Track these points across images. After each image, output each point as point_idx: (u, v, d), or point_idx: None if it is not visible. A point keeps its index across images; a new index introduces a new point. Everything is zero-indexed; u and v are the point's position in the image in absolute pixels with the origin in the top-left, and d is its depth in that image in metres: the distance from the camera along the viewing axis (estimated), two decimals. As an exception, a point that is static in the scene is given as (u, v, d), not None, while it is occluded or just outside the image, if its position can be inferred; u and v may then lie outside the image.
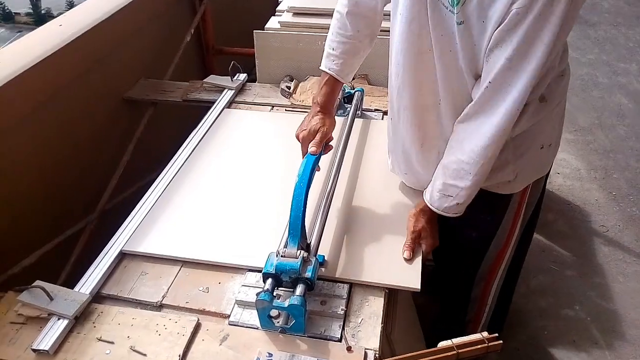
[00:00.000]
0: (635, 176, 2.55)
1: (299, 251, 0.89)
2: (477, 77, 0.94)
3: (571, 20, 0.82)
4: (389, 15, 1.04)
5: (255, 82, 1.76)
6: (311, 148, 1.07)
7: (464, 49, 0.90)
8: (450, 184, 1.01)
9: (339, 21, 1.14)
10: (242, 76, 1.73)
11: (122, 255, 1.05)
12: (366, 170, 1.30)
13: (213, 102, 1.61)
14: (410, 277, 1.00)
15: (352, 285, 0.98)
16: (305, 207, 0.92)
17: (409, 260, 1.03)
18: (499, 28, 0.84)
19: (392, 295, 1.03)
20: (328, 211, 1.06)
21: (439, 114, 1.03)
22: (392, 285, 0.99)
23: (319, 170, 1.11)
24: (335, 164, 1.19)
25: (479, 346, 0.87)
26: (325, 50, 1.17)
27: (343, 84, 1.20)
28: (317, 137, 1.09)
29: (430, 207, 1.06)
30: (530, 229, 1.38)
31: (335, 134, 1.36)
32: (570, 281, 2.04)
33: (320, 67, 1.17)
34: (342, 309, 0.92)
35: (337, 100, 1.26)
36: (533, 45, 0.82)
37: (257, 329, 0.91)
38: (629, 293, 1.99)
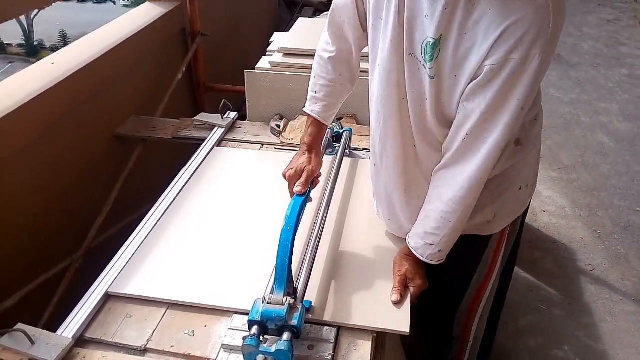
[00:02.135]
0: (618, 214, 2.60)
1: (285, 297, 0.89)
2: (447, 126, 0.96)
3: (542, 75, 0.85)
4: (367, 57, 1.07)
5: (245, 119, 1.79)
6: (296, 188, 1.08)
7: (433, 102, 0.93)
8: (431, 232, 1.03)
9: (321, 65, 1.18)
10: (233, 114, 1.75)
11: (107, 297, 1.04)
12: (354, 211, 1.31)
13: (203, 140, 1.63)
14: (398, 320, 1.00)
15: (339, 328, 0.98)
16: (292, 252, 0.92)
17: (397, 303, 1.03)
18: (472, 83, 0.87)
19: (380, 338, 1.02)
20: (315, 255, 1.06)
21: (418, 161, 1.06)
22: (380, 329, 0.98)
23: (311, 201, 1.12)
24: (323, 204, 1.20)
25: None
26: (309, 93, 1.20)
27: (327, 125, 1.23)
28: (303, 176, 1.11)
29: (415, 253, 1.07)
30: (511, 263, 1.40)
31: (323, 173, 1.38)
32: (559, 320, 2.04)
33: (303, 109, 1.20)
34: (329, 354, 0.91)
35: (324, 139, 1.28)
36: (507, 101, 0.85)
37: (243, 374, 0.89)
38: (617, 333, 1.99)
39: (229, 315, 1.00)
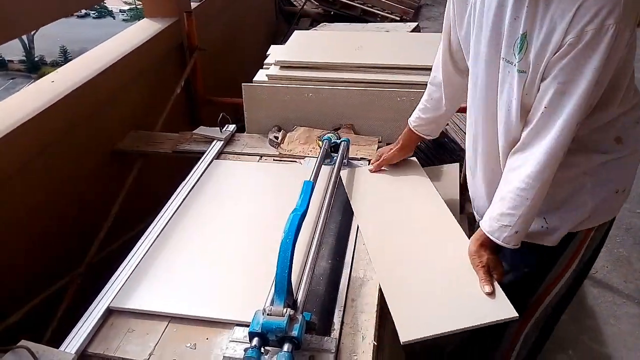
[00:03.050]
0: (620, 217, 2.57)
1: (285, 309, 0.89)
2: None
3: (619, 48, 0.91)
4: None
5: (244, 131, 1.81)
6: (369, 167, 1.48)
7: (520, 97, 1.00)
8: (507, 213, 1.05)
9: (434, 93, 1.38)
10: (231, 127, 1.77)
11: (109, 312, 1.05)
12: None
13: (203, 153, 1.64)
14: (501, 307, 1.02)
15: (340, 338, 0.98)
16: (292, 264, 0.93)
17: (492, 293, 1.05)
18: (552, 58, 0.93)
19: (380, 347, 1.03)
20: (315, 265, 1.07)
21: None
22: (491, 322, 1.00)
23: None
24: (322, 214, 1.21)
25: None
26: (417, 110, 1.44)
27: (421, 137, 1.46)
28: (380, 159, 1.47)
29: (490, 237, 1.08)
30: (583, 274, 1.37)
31: (321, 183, 1.40)
32: (562, 325, 2.03)
33: (409, 120, 1.46)
34: (330, 364, 0.92)
35: (416, 142, 1.52)
36: (582, 72, 0.91)
37: (245, 386, 0.90)
38: (621, 335, 1.99)
39: (230, 328, 1.01)
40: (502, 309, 1.02)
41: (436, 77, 1.36)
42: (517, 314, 1.01)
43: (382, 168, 1.52)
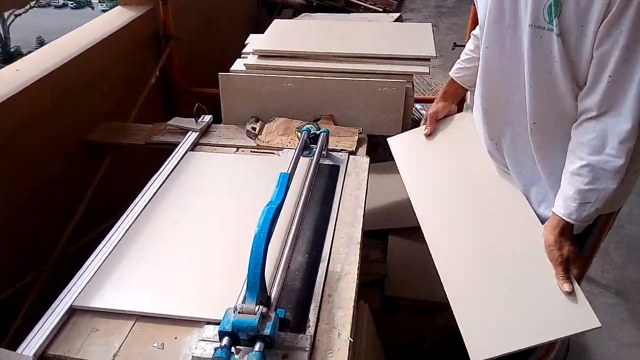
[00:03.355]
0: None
1: (257, 307, 0.85)
2: (578, 87, 0.97)
3: None
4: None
5: (220, 122, 1.75)
6: (424, 130, 1.41)
7: (565, 61, 0.94)
8: (587, 189, 0.98)
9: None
10: (207, 118, 1.71)
11: (72, 311, 0.99)
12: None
13: (177, 145, 1.58)
14: (583, 315, 0.90)
15: (315, 335, 0.94)
16: (265, 260, 0.89)
17: (571, 293, 0.95)
18: (603, 23, 0.86)
19: (357, 341, 1.00)
20: (291, 260, 1.03)
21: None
22: (569, 334, 0.90)
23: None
24: (299, 207, 1.17)
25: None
26: (459, 61, 1.45)
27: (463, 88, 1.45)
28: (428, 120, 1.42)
29: (568, 220, 1.01)
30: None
31: (299, 175, 1.35)
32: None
33: (450, 72, 1.46)
34: (304, 363, 0.88)
35: (458, 95, 1.49)
36: None
37: (215, 388, 0.85)
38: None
39: (200, 326, 0.96)
40: (583, 316, 0.89)
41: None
42: (600, 324, 0.90)
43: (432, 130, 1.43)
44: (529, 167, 1.18)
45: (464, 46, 2.12)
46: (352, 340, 0.95)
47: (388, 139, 1.38)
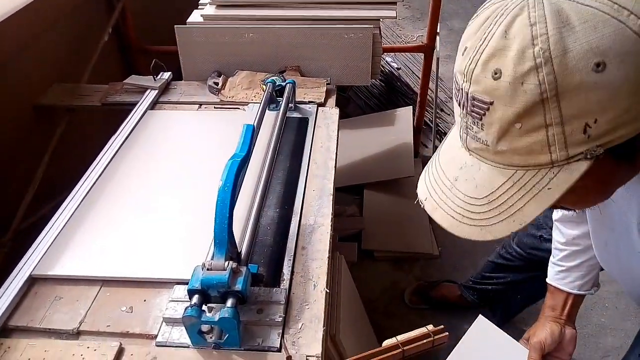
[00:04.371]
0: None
1: (227, 262, 0.82)
2: None
3: None
4: None
5: (181, 79, 1.66)
6: None
7: None
8: None
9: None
10: (167, 74, 1.62)
11: (32, 281, 0.94)
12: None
13: (135, 104, 1.50)
14: None
15: (290, 288, 0.92)
16: (232, 214, 0.85)
17: None
18: None
19: (335, 292, 0.98)
20: (260, 215, 1.00)
21: None
22: None
23: None
24: (267, 162, 1.13)
25: (424, 341, 0.84)
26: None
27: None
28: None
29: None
30: None
31: (265, 129, 1.30)
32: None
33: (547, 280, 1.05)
34: (280, 316, 0.86)
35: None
36: None
37: (188, 347, 0.83)
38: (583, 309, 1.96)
39: (170, 287, 0.92)
40: None
41: None
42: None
43: None
44: None
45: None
46: (328, 291, 0.93)
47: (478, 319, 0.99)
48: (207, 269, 0.82)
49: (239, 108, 1.51)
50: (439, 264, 1.99)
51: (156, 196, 1.14)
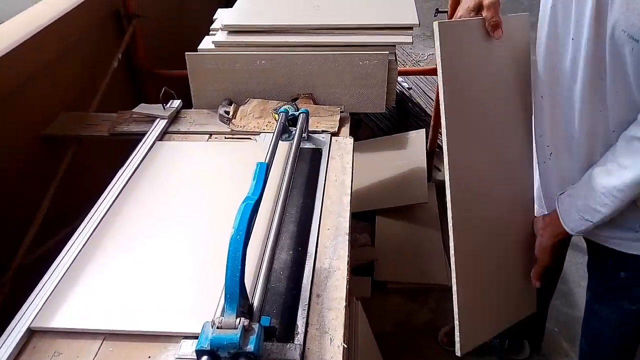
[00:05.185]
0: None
1: (238, 319, 0.75)
2: None
3: None
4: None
5: (191, 107, 1.62)
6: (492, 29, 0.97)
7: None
8: (593, 207, 0.94)
9: None
10: (176, 103, 1.58)
11: (31, 333, 0.88)
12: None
13: (144, 134, 1.46)
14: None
15: (304, 343, 0.86)
16: (244, 265, 0.79)
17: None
18: None
19: (351, 344, 0.91)
20: (273, 259, 0.93)
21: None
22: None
23: None
24: (281, 200, 1.07)
25: None
26: None
27: None
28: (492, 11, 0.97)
29: (566, 227, 1.00)
30: None
31: (279, 161, 1.25)
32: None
33: None
34: (295, 377, 0.79)
35: None
36: None
37: (195, 411, 0.76)
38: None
39: (176, 341, 0.86)
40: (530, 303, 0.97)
41: None
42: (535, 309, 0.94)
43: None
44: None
45: (446, 12, 2.01)
46: (345, 346, 0.86)
47: (435, 24, 0.92)
48: (218, 327, 0.76)
49: (250, 138, 1.46)
50: (455, 295, 1.91)
51: (164, 237, 1.08)
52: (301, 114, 1.39)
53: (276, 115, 1.42)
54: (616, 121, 0.94)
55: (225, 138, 1.47)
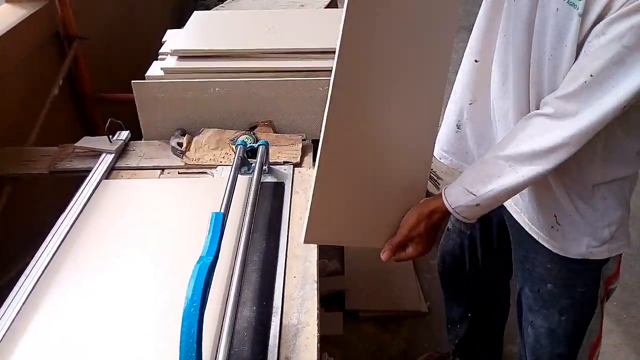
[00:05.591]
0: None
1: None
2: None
3: None
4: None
5: (141, 138, 1.50)
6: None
7: (576, 42, 0.79)
8: (480, 180, 0.88)
9: None
10: (124, 134, 1.45)
11: None
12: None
13: (89, 171, 1.33)
14: None
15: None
16: (201, 340, 0.69)
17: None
18: (612, 15, 0.72)
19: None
20: (235, 320, 0.84)
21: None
22: None
23: None
24: (241, 247, 0.97)
25: None
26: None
27: None
28: None
29: (445, 200, 0.92)
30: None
31: (239, 198, 1.16)
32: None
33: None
34: None
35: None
36: None
37: None
38: None
39: None
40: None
41: None
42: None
43: None
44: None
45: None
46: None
47: None
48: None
49: (206, 172, 1.36)
50: (428, 321, 1.86)
51: (110, 292, 0.96)
52: (260, 146, 1.30)
53: (233, 147, 1.33)
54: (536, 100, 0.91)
55: (179, 173, 1.36)
